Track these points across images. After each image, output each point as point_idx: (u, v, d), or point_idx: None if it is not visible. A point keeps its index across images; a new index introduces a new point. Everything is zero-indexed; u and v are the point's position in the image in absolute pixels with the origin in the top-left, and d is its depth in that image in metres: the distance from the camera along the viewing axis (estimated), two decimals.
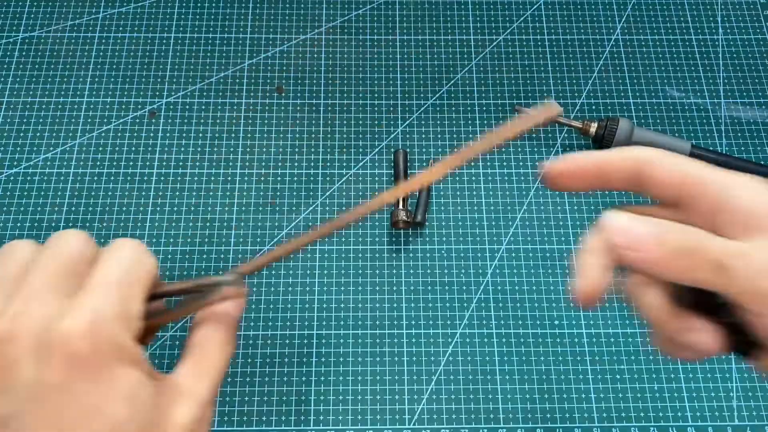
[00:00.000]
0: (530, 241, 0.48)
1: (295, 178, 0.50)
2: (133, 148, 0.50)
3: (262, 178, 0.50)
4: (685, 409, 0.43)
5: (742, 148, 0.51)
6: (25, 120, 0.51)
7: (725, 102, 0.53)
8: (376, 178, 0.50)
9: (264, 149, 0.51)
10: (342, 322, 0.45)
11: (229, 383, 0.43)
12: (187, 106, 0.52)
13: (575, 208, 0.49)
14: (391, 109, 0.52)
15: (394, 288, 0.46)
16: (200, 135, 0.51)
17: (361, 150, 0.51)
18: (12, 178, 0.49)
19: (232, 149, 0.50)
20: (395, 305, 0.46)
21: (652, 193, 0.26)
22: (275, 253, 0.27)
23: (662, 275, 0.24)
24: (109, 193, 0.49)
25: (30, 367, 0.21)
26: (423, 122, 0.52)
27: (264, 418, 0.42)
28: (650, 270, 0.24)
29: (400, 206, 0.47)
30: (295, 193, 0.49)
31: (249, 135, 0.51)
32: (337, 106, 0.52)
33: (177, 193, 0.49)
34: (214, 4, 0.56)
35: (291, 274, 0.46)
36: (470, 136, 0.51)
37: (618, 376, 0.44)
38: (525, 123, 0.27)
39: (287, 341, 0.44)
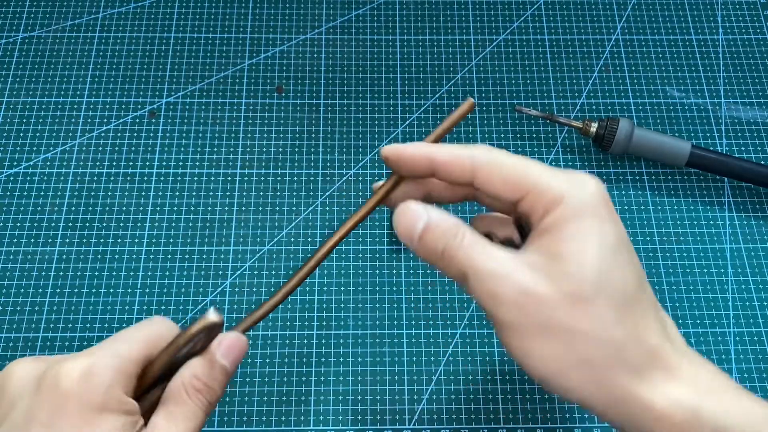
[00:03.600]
0: None
1: (295, 178, 0.50)
2: (133, 148, 0.50)
3: (262, 178, 0.49)
4: None
5: (743, 148, 0.51)
6: (24, 120, 0.51)
7: (725, 102, 0.53)
8: (376, 178, 0.50)
9: (264, 149, 0.51)
10: (342, 322, 0.45)
11: (229, 383, 0.43)
12: (187, 106, 0.52)
13: None
14: (391, 109, 0.52)
15: (394, 288, 0.46)
16: (200, 135, 0.51)
17: (361, 150, 0.51)
18: (12, 178, 0.49)
19: (232, 149, 0.50)
20: (395, 305, 0.46)
21: (483, 190, 0.27)
22: (265, 308, 0.28)
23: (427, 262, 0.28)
24: (109, 193, 0.49)
25: (25, 401, 0.23)
26: (423, 122, 0.52)
27: (264, 418, 0.42)
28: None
29: None
30: (295, 193, 0.49)
31: (249, 135, 0.51)
32: (337, 106, 0.52)
33: (177, 193, 0.49)
34: (214, 4, 0.56)
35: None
36: (470, 136, 0.51)
37: None
38: (445, 125, 0.28)
39: (287, 341, 0.44)
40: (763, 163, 0.50)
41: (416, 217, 0.27)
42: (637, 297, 0.25)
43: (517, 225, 0.29)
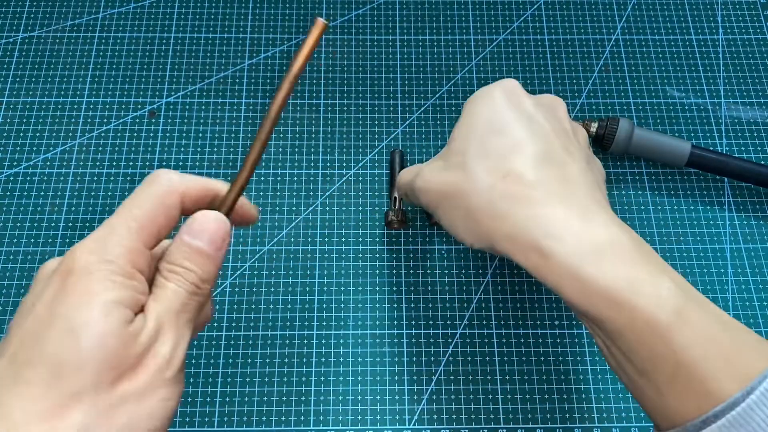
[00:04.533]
0: None
1: (295, 178, 0.50)
2: (133, 148, 0.50)
3: (263, 178, 0.50)
4: None
5: (743, 148, 0.51)
6: (24, 120, 0.51)
7: (725, 102, 0.53)
8: (376, 178, 0.50)
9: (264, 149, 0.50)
10: (342, 322, 0.45)
11: (229, 383, 0.43)
12: (187, 106, 0.52)
13: None
14: (391, 109, 0.52)
15: (394, 288, 0.46)
16: (200, 135, 0.51)
17: (361, 150, 0.51)
18: (12, 178, 0.49)
19: (232, 149, 0.50)
20: (395, 305, 0.46)
21: None
22: (239, 181, 0.29)
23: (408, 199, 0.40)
24: (109, 193, 0.49)
25: (39, 286, 0.25)
26: (423, 122, 0.52)
27: (264, 418, 0.42)
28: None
29: (395, 206, 0.47)
30: (295, 193, 0.49)
31: (249, 135, 0.51)
32: (337, 106, 0.52)
33: None
34: (214, 4, 0.56)
35: (291, 274, 0.46)
36: None
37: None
38: (302, 51, 0.28)
39: (287, 341, 0.44)
40: (763, 163, 0.50)
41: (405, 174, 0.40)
42: (511, 157, 0.31)
43: None
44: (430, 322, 0.45)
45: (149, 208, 0.26)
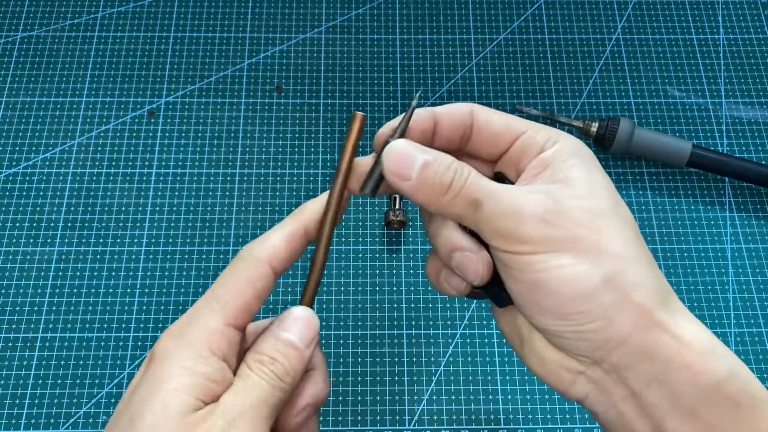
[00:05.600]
0: None
1: (295, 178, 0.49)
2: (133, 148, 0.50)
3: (262, 178, 0.49)
4: None
5: (743, 148, 0.51)
6: (24, 120, 0.51)
7: (726, 102, 0.53)
8: None
9: (264, 149, 0.50)
10: (342, 322, 0.45)
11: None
12: (187, 106, 0.52)
13: None
14: (392, 108, 0.52)
15: (394, 288, 0.46)
16: (199, 135, 0.51)
17: (360, 150, 0.51)
18: (11, 178, 0.49)
19: (231, 149, 0.50)
20: (395, 305, 0.46)
21: (478, 137, 0.28)
22: (314, 276, 0.28)
23: (426, 207, 0.26)
24: (109, 193, 0.49)
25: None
26: None
27: None
28: (415, 200, 0.26)
29: (395, 206, 0.47)
30: (294, 193, 0.49)
31: (249, 135, 0.51)
32: (337, 106, 0.52)
33: (176, 193, 0.49)
34: (213, 4, 0.56)
35: (291, 275, 0.46)
36: None
37: None
38: (348, 146, 0.27)
39: None
40: (763, 162, 0.50)
41: (412, 152, 0.25)
42: (641, 237, 0.25)
43: (497, 179, 0.29)
44: (430, 322, 0.45)
45: (233, 284, 0.26)
